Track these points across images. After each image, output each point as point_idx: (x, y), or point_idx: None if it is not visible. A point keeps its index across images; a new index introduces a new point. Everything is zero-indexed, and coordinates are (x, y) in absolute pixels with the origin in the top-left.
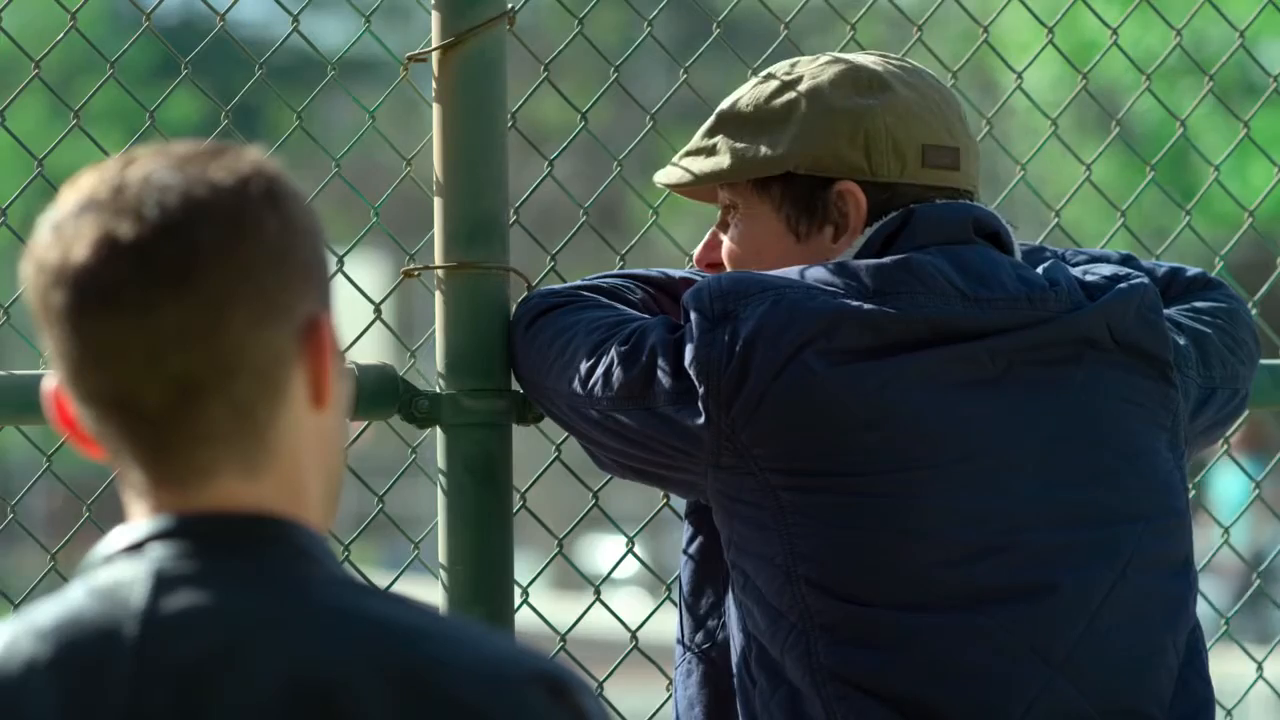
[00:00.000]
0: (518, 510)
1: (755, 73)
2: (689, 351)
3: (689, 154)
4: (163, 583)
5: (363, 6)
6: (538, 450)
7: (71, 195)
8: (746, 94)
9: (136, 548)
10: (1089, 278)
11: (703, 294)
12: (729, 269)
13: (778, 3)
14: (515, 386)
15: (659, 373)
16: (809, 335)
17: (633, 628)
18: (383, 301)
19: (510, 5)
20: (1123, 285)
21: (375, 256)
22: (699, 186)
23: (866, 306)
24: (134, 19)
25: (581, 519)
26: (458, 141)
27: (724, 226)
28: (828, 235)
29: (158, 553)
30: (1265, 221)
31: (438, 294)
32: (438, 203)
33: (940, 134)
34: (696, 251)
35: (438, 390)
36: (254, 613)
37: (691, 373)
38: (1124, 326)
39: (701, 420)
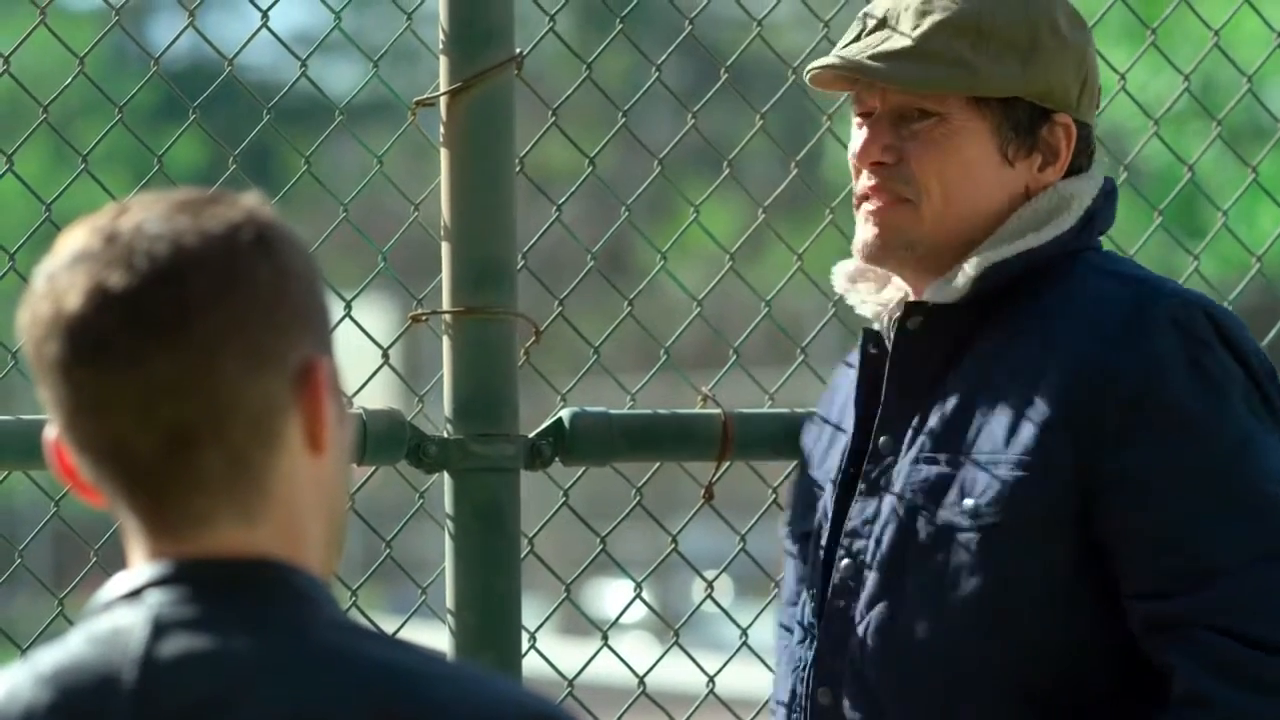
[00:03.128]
0: (525, 555)
1: (763, 117)
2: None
3: (885, 54)
4: (161, 628)
5: (371, 50)
6: (544, 494)
7: (66, 245)
8: (965, 6)
9: (135, 594)
10: None
11: (1202, 322)
12: (917, 176)
13: (785, 47)
14: (523, 431)
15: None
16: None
17: (640, 673)
18: (390, 346)
19: (518, 50)
20: None
21: (383, 301)
22: (912, 91)
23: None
24: (136, 57)
25: (589, 564)
26: (466, 186)
27: (885, 128)
28: (1035, 163)
29: (156, 599)
30: (1273, 266)
31: (445, 339)
32: (445, 247)
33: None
34: (856, 150)
35: (446, 435)
36: (252, 657)
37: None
38: None
39: None
